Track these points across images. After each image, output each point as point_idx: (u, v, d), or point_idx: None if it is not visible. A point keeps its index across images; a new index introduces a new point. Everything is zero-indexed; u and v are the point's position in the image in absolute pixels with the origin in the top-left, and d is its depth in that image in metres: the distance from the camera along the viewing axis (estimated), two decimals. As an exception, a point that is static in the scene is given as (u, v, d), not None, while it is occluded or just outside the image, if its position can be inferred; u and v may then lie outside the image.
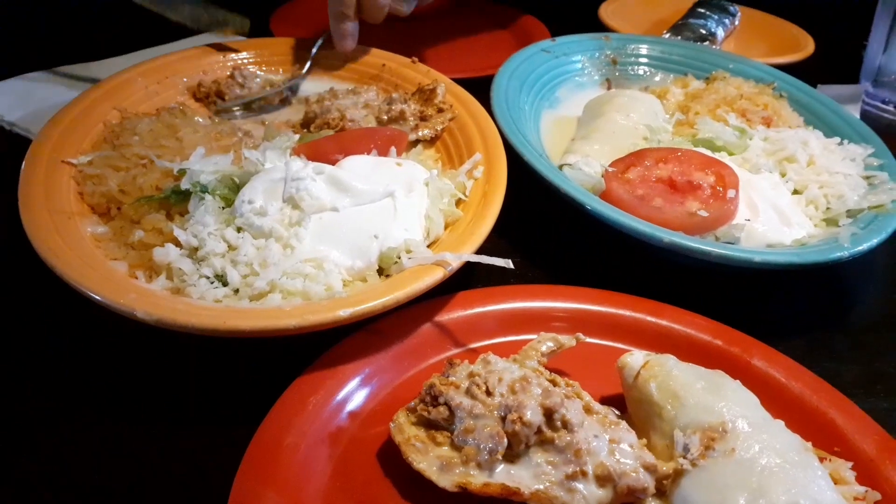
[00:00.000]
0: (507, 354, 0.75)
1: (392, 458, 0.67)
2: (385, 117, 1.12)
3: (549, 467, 0.63)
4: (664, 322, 0.85)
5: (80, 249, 0.78)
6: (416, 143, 1.11)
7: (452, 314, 0.83)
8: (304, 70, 1.23)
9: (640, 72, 1.45)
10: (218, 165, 0.87)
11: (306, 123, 1.13)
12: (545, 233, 1.07)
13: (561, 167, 1.07)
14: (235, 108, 1.15)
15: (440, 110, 1.13)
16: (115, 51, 1.39)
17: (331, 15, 1.20)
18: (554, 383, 0.71)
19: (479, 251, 0.84)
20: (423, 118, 1.13)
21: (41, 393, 0.76)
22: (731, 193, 0.95)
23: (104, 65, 1.35)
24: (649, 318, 0.85)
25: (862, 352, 0.91)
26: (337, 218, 0.84)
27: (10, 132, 1.16)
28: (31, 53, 1.42)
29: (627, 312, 0.86)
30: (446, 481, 0.63)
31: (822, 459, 0.68)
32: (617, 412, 0.73)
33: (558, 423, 0.64)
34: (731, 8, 1.86)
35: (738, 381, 0.72)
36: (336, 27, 1.20)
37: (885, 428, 0.73)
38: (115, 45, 1.40)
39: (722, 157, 1.08)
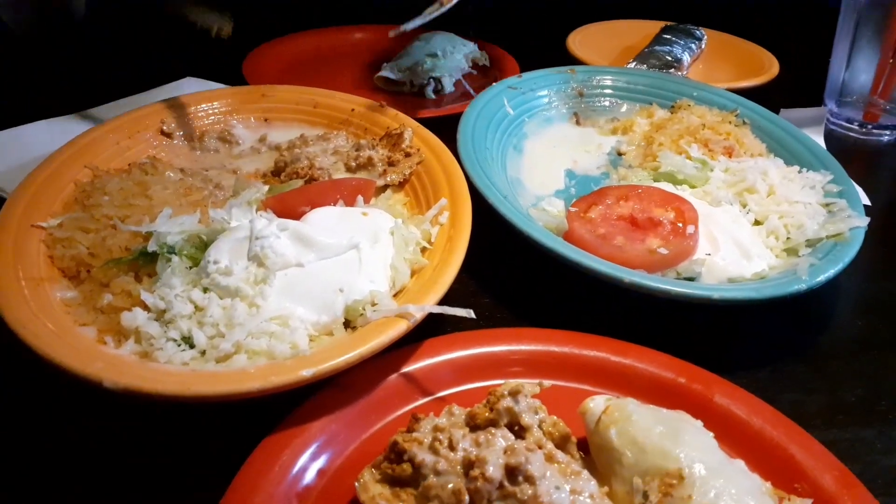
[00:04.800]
0: (473, 402, 0.76)
1: (359, 517, 0.68)
2: (354, 164, 1.14)
3: (512, 521, 0.64)
4: (628, 361, 0.86)
5: (48, 316, 0.79)
6: (385, 187, 1.13)
7: (419, 363, 0.84)
8: None
9: (606, 103, 1.48)
10: (184, 226, 0.88)
11: (277, 172, 1.15)
12: (512, 274, 1.09)
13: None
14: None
15: (407, 154, 1.15)
16: (90, 101, 1.41)
17: None
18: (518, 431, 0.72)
19: (447, 295, 0.86)
20: (392, 163, 1.15)
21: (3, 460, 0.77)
22: (690, 229, 0.97)
23: (78, 118, 1.37)
24: (612, 358, 0.87)
25: (825, 381, 0.93)
26: (302, 273, 0.85)
27: (-17, 190, 1.17)
28: (2, 108, 1.43)
29: (592, 353, 0.87)
30: (410, 539, 0.64)
31: (781, 499, 0.69)
32: (582, 454, 0.75)
33: (520, 478, 0.65)
34: (697, 32, 1.90)
35: (699, 421, 0.73)
36: None
37: (846, 459, 0.75)
38: (90, 96, 1.42)
39: (683, 190, 1.11)
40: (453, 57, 1.65)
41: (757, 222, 1.08)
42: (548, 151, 1.33)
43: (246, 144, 1.24)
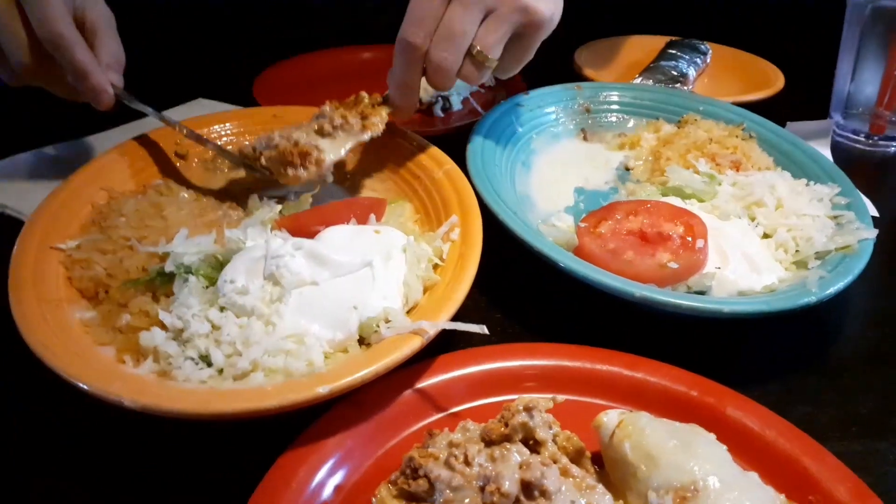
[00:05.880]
0: (487, 418, 0.77)
1: (376, 533, 0.69)
2: (330, 127, 1.10)
3: (528, 536, 0.65)
4: (640, 375, 0.87)
5: (68, 337, 0.81)
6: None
7: (433, 379, 0.85)
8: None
9: (613, 119, 1.49)
10: (200, 246, 0.90)
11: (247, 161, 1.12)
12: (524, 289, 1.10)
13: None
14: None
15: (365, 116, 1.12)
16: (104, 124, 1.43)
17: (395, 64, 1.08)
18: (533, 446, 0.73)
19: (459, 311, 0.87)
20: (364, 116, 1.13)
21: (16, 471, 0.79)
22: (699, 243, 0.98)
23: (93, 140, 1.40)
24: (625, 372, 0.87)
25: (837, 394, 0.93)
26: (317, 291, 0.86)
27: (1, 214, 1.19)
28: (17, 132, 1.46)
29: (604, 367, 0.88)
30: (427, 554, 0.65)
31: (795, 511, 0.70)
32: (597, 468, 0.76)
33: (536, 493, 0.66)
34: (702, 46, 1.92)
35: (712, 434, 0.74)
36: (401, 81, 1.09)
37: (860, 471, 0.75)
38: (104, 119, 1.44)
39: (692, 204, 1.11)
40: (461, 76, 1.66)
41: (766, 235, 1.09)
42: (556, 167, 1.34)
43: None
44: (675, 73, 1.74)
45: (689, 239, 0.99)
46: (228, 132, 1.29)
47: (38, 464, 0.79)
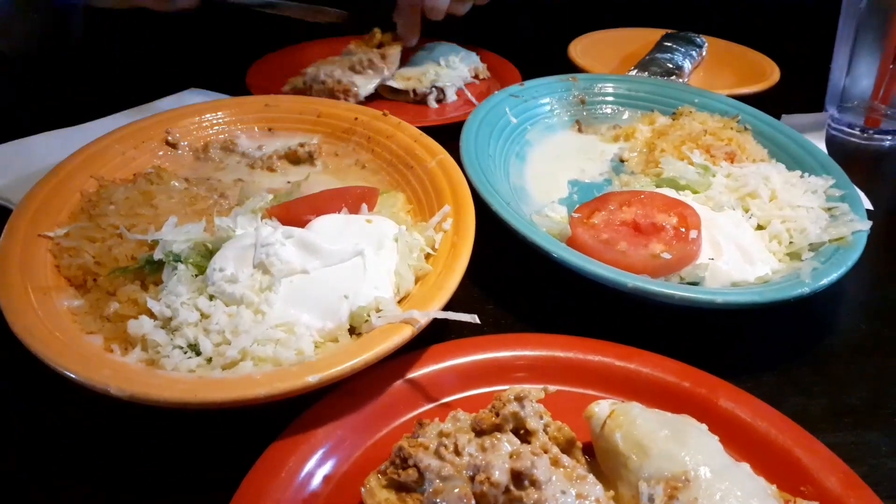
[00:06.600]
0: (478, 408, 0.77)
1: (365, 522, 0.68)
2: (359, 67, 1.52)
3: (518, 526, 0.64)
4: (632, 366, 0.87)
5: (56, 325, 0.80)
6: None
7: (424, 369, 0.84)
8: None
9: (608, 111, 1.49)
10: (190, 234, 0.89)
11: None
12: (516, 280, 1.09)
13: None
14: None
15: (381, 47, 1.60)
16: (95, 113, 1.42)
17: (399, 7, 1.57)
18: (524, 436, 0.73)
19: (451, 301, 0.87)
20: (383, 56, 1.55)
21: (13, 464, 0.78)
22: (693, 234, 0.98)
23: (83, 129, 1.38)
24: (617, 363, 0.87)
25: (829, 385, 0.93)
26: (307, 280, 0.86)
27: (-11, 202, 1.18)
28: (8, 120, 1.44)
29: (596, 358, 0.88)
30: (417, 544, 0.64)
31: (787, 502, 0.69)
32: (588, 458, 0.75)
33: (526, 482, 0.65)
34: (698, 39, 1.91)
35: (704, 425, 0.74)
36: (406, 20, 1.58)
37: (851, 462, 0.75)
38: (95, 108, 1.43)
39: (686, 195, 1.11)
40: (456, 66, 1.67)
41: (759, 227, 1.09)
42: (550, 159, 1.34)
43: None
44: (671, 66, 1.73)
45: (683, 230, 0.99)
46: (220, 121, 1.28)
47: (38, 464, 0.79)
